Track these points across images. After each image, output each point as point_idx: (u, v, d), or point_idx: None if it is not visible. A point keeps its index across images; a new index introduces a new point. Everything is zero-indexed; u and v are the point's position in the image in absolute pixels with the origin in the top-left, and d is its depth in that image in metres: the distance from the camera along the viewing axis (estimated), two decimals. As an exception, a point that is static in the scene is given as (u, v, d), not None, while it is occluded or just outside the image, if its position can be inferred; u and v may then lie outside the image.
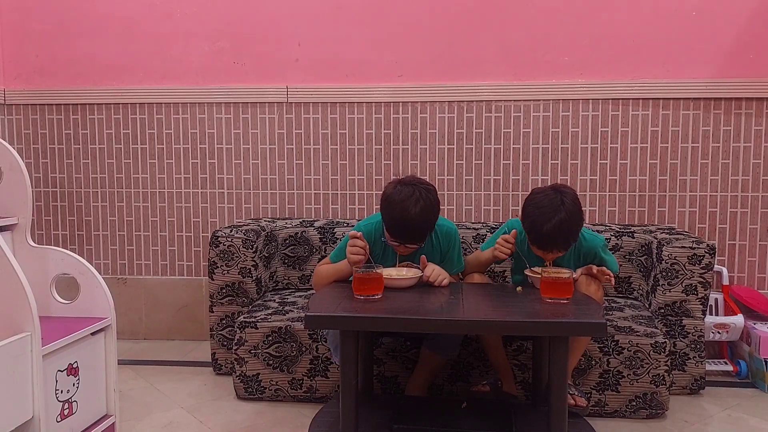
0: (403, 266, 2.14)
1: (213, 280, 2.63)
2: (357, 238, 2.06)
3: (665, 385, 2.29)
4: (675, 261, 2.41)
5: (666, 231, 2.67)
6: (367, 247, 2.06)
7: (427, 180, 2.16)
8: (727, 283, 2.80)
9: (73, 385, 1.99)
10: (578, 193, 2.12)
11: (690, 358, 2.46)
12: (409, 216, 2.02)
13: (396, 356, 2.38)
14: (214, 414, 2.37)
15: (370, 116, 3.04)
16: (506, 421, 2.05)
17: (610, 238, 2.69)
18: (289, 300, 2.67)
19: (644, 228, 2.77)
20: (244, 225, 2.76)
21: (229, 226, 2.72)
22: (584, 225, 2.17)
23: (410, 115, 3.02)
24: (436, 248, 2.22)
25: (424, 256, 2.12)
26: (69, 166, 3.23)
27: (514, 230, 2.14)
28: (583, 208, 2.13)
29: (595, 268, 2.11)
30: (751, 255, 2.88)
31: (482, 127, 2.99)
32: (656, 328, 2.36)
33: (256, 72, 3.09)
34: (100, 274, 2.15)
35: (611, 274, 2.11)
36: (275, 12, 3.05)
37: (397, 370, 2.39)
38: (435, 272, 2.09)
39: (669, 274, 2.42)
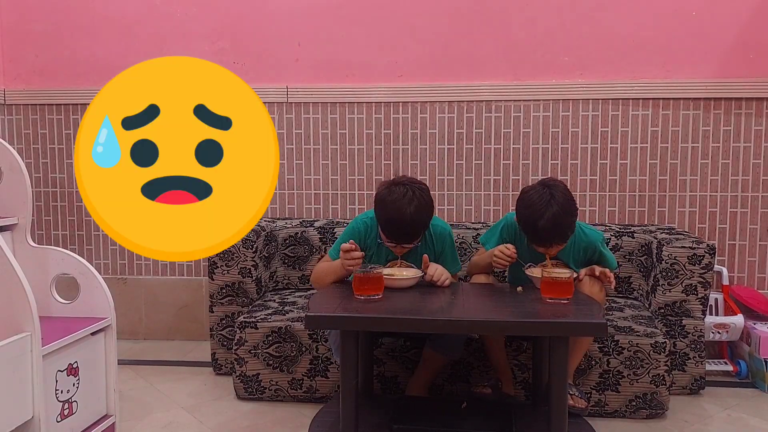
0: (395, 264, 2.14)
1: (213, 280, 2.63)
2: (352, 250, 2.05)
3: (665, 385, 2.29)
4: (675, 261, 2.41)
5: (666, 231, 2.67)
6: (363, 256, 2.07)
7: (419, 180, 2.17)
8: (727, 283, 2.80)
9: (73, 385, 1.99)
10: (578, 193, 2.13)
11: (690, 358, 2.46)
12: (404, 215, 2.01)
13: (396, 356, 2.38)
14: (214, 414, 2.37)
15: (370, 116, 3.04)
16: (506, 421, 2.05)
17: (610, 238, 2.69)
18: (289, 300, 2.67)
19: (644, 228, 2.77)
20: (244, 225, 2.75)
21: (229, 226, 2.71)
22: (585, 223, 2.17)
23: (410, 115, 3.02)
24: (429, 248, 2.21)
25: (426, 255, 2.12)
26: (69, 166, 3.22)
27: (513, 247, 2.13)
28: (576, 201, 2.12)
29: (598, 270, 2.11)
30: (751, 255, 2.88)
31: (482, 127, 2.99)
32: (656, 328, 2.36)
33: (256, 72, 3.08)
34: (100, 274, 2.15)
35: (613, 277, 2.11)
36: (275, 12, 3.05)
37: (397, 370, 2.39)
38: (438, 272, 2.09)
39: (669, 274, 2.42)
